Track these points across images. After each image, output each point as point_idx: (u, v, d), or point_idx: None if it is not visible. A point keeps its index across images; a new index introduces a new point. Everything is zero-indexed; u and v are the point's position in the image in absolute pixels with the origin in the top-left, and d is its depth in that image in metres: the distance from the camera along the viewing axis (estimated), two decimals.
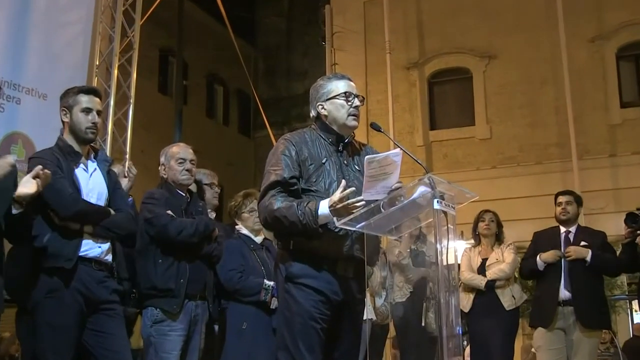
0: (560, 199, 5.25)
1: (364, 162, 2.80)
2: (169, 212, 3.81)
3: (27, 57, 5.72)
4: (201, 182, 4.43)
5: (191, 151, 4.08)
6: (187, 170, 3.99)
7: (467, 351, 6.39)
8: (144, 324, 3.83)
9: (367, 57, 12.25)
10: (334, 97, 3.04)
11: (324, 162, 2.97)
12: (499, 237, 5.58)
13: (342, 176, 2.94)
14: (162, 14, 10.12)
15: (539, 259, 5.07)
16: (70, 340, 3.09)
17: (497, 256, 5.43)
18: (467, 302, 5.38)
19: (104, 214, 3.24)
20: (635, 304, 10.88)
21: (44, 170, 2.90)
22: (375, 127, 3.10)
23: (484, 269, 5.42)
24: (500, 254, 5.44)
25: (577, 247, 5.00)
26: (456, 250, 3.10)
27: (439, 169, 10.90)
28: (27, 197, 2.86)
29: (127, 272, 3.75)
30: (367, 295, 4.37)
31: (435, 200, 2.64)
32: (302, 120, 14.44)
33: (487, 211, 5.61)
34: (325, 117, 3.06)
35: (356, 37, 12.37)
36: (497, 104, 11.53)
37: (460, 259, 5.47)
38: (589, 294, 4.96)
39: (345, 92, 3.03)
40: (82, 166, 3.28)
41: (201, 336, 3.91)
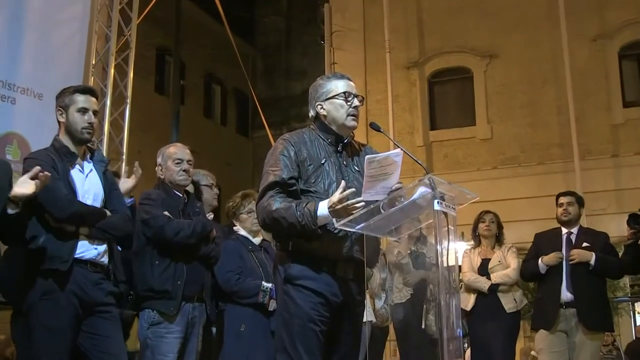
0: (561, 199, 5.22)
1: (363, 162, 2.78)
2: (166, 213, 3.79)
3: (22, 56, 5.68)
4: (199, 183, 4.40)
5: (188, 151, 4.06)
6: (185, 170, 3.97)
7: (467, 353, 6.35)
8: (140, 326, 3.81)
9: (366, 57, 12.21)
10: (333, 97, 3.02)
11: (323, 162, 2.95)
12: (499, 238, 5.55)
13: (342, 177, 2.91)
14: (159, 12, 10.05)
15: (540, 262, 5.03)
16: (65, 342, 3.06)
17: (499, 258, 5.40)
18: (469, 301, 5.34)
19: (99, 215, 3.22)
20: (638, 306, 10.86)
21: (44, 172, 2.87)
22: (374, 127, 3.08)
23: (483, 269, 5.39)
24: (502, 256, 5.40)
25: (581, 251, 4.97)
26: (457, 251, 3.08)
27: (440, 170, 10.85)
28: (23, 198, 2.84)
29: (124, 275, 3.71)
30: (367, 297, 4.34)
31: (435, 201, 2.62)
32: (301, 120, 14.37)
33: (487, 212, 5.59)
34: (324, 117, 3.04)
35: (356, 36, 12.33)
36: (498, 103, 11.49)
37: (461, 261, 5.43)
38: (592, 296, 4.93)
39: (344, 92, 3.01)
40: (77, 167, 3.26)
41: (198, 338, 3.89)
